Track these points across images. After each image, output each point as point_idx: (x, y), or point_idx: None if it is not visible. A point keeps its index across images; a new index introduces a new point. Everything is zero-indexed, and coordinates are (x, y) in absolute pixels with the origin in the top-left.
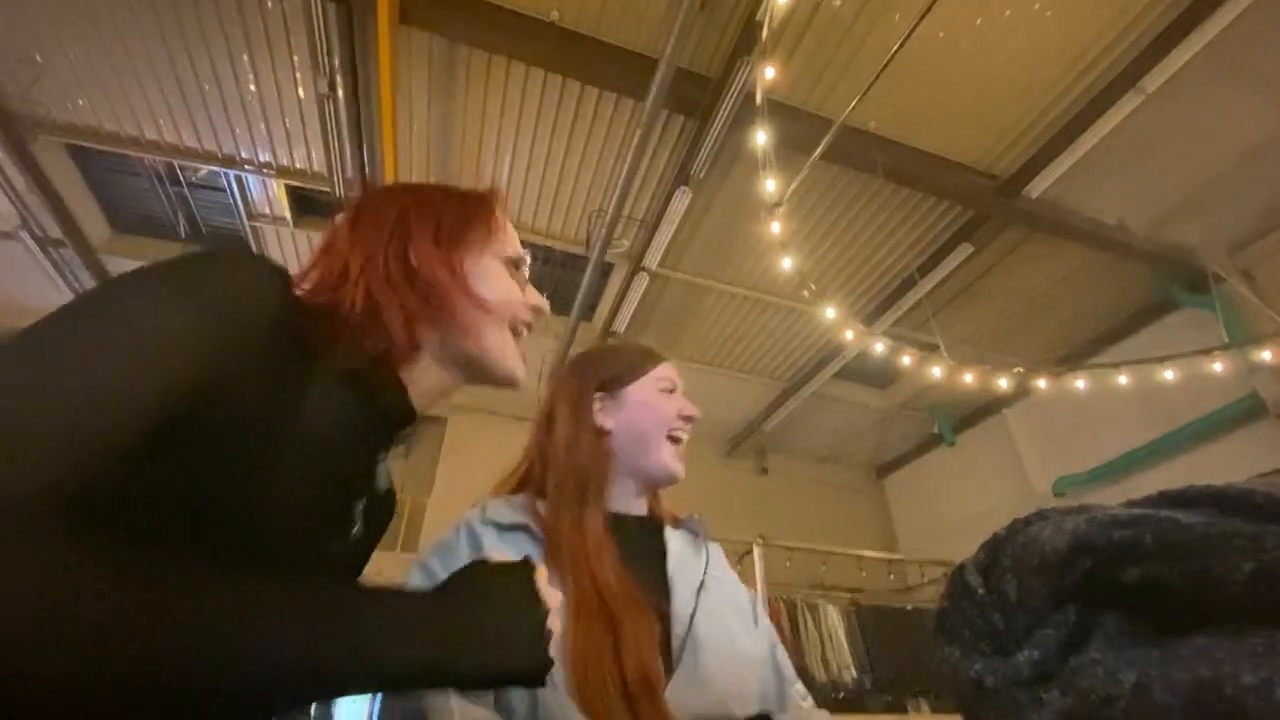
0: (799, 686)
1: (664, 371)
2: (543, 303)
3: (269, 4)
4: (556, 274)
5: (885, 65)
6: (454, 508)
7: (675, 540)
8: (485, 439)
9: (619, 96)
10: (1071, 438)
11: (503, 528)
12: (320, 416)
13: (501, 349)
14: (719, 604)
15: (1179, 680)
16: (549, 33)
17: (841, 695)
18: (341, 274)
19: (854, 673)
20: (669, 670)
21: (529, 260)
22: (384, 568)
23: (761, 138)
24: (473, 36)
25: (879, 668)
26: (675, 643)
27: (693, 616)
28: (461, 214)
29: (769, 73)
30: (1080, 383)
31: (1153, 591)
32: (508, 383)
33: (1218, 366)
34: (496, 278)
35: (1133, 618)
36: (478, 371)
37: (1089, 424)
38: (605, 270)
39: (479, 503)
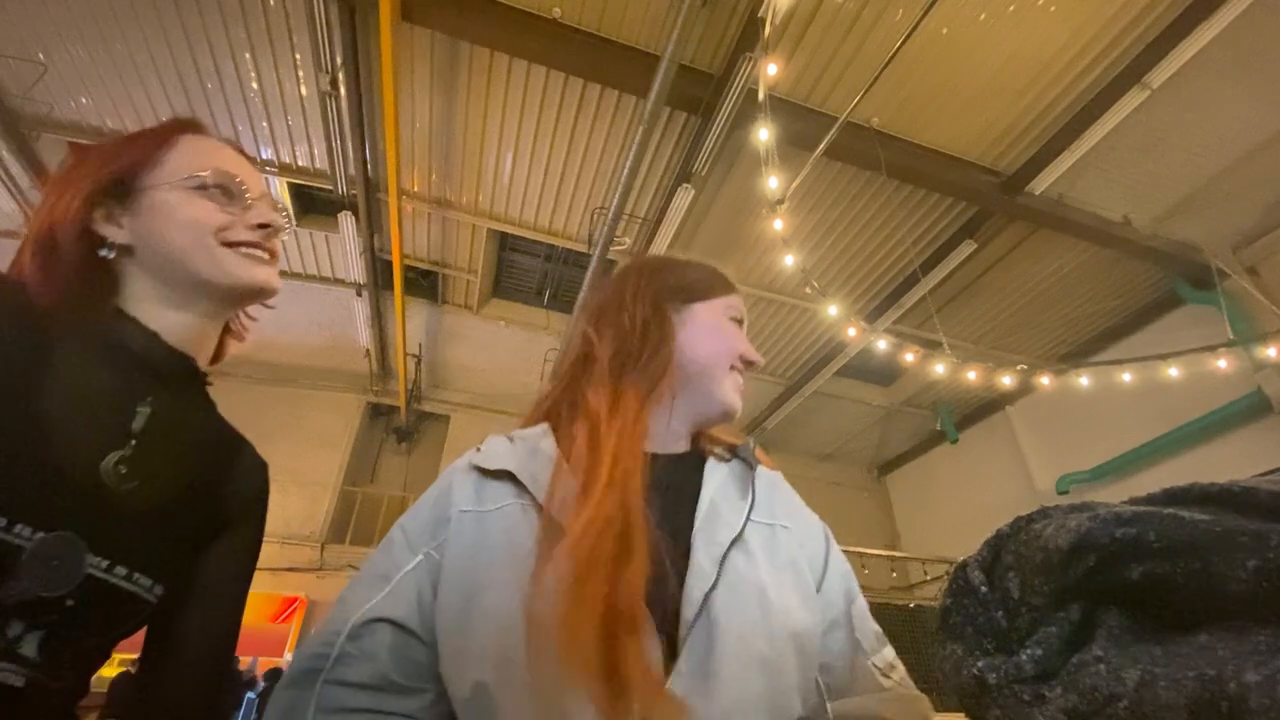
0: (883, 656)
1: (736, 301)
2: (269, 216)
3: (271, 2)
4: (558, 271)
5: (888, 62)
6: None
7: (715, 477)
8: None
9: (621, 93)
10: (1075, 435)
11: (487, 474)
12: (61, 374)
13: (214, 265)
14: (761, 563)
15: (1182, 678)
16: (551, 30)
17: None
18: (22, 249)
19: None
20: (669, 666)
21: (226, 178)
22: None
23: (764, 134)
24: (474, 33)
25: None
26: (682, 628)
27: (708, 595)
28: (120, 154)
29: (771, 69)
30: (1084, 380)
31: (1156, 589)
32: (250, 294)
33: (1222, 363)
34: (172, 208)
35: (1136, 615)
36: (211, 296)
37: (1092, 421)
38: (607, 268)
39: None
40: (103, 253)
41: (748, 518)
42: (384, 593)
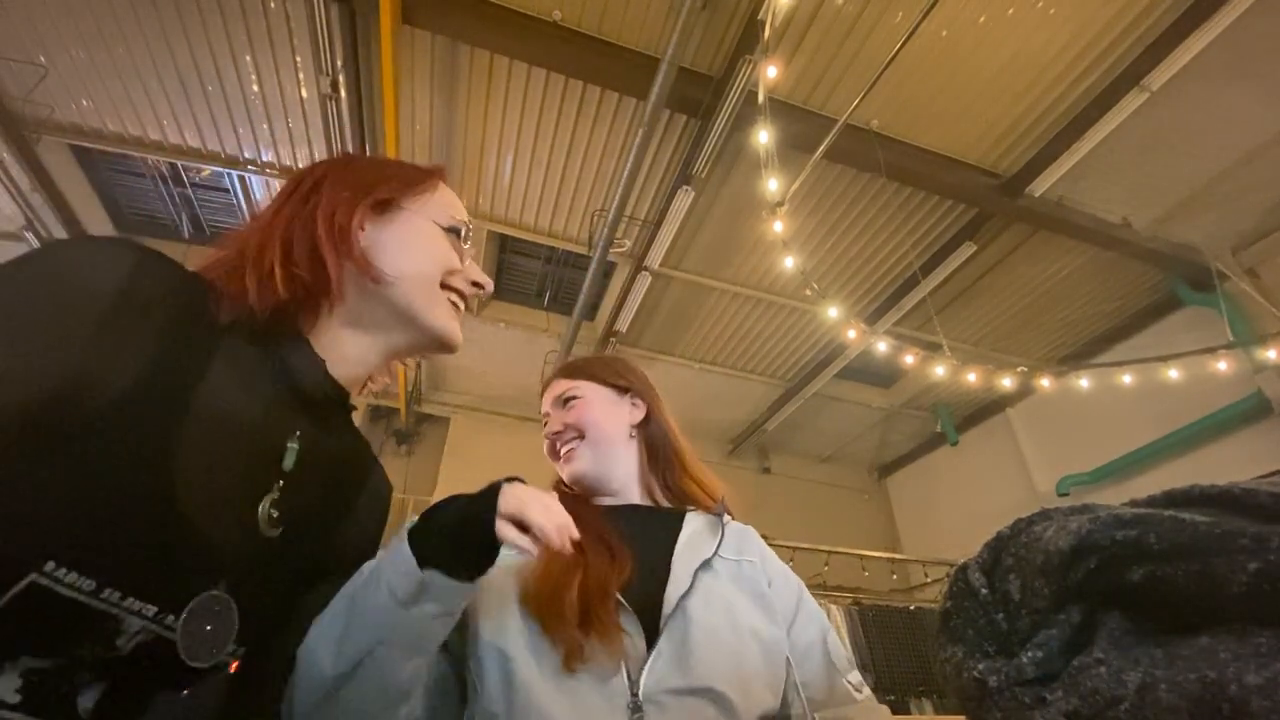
0: (853, 676)
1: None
2: (484, 279)
3: (271, 4)
4: (559, 274)
5: (888, 64)
6: None
7: (693, 523)
8: (488, 439)
9: (621, 96)
10: (1075, 437)
11: None
12: (218, 395)
13: (430, 305)
14: (728, 585)
15: (1183, 680)
16: (551, 32)
17: None
18: (245, 246)
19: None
20: (651, 650)
21: (469, 233)
22: None
23: (764, 137)
24: (475, 36)
25: (881, 668)
26: (662, 621)
27: (684, 596)
28: (391, 177)
29: (771, 71)
30: (1084, 382)
31: (1157, 591)
32: (443, 344)
33: (1222, 365)
34: (426, 238)
35: (1137, 617)
36: (407, 330)
37: (1092, 423)
38: (607, 270)
39: None
40: (362, 244)
41: (716, 552)
42: None
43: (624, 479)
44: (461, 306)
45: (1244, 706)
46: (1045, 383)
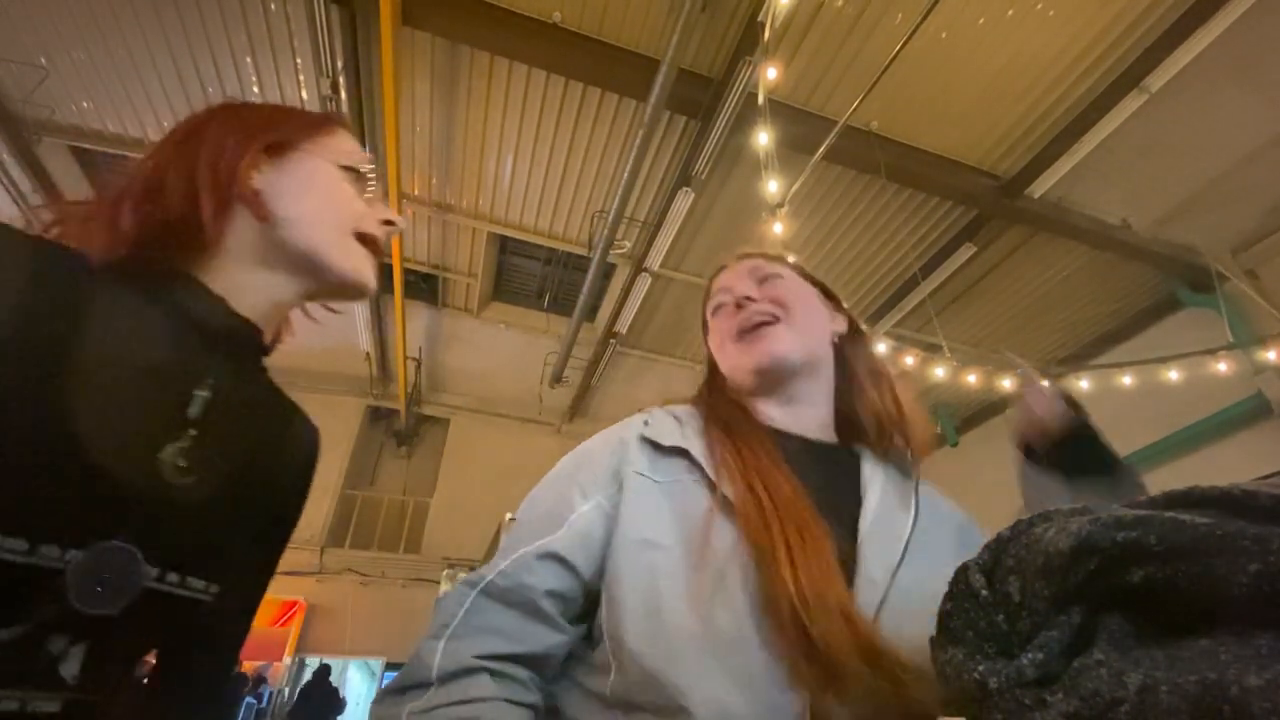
0: None
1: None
2: (393, 215)
3: (272, 6)
4: (559, 275)
5: (887, 65)
6: (457, 509)
7: (878, 480)
8: (488, 440)
9: (621, 98)
10: None
11: (661, 449)
12: (96, 343)
13: (336, 250)
14: (929, 582)
15: (1184, 682)
16: (551, 34)
17: None
18: (102, 193)
19: None
20: None
21: (372, 171)
22: (387, 569)
23: (764, 138)
24: (475, 38)
25: None
26: None
27: (880, 607)
28: (284, 120)
29: (771, 73)
30: (1084, 383)
31: (1157, 593)
32: (352, 287)
33: (1222, 366)
34: (325, 178)
35: (1137, 619)
36: (313, 274)
37: None
38: (607, 271)
39: (647, 409)
40: (254, 186)
41: (913, 526)
42: (558, 532)
43: (811, 390)
44: (378, 252)
45: (1245, 708)
46: (1045, 384)
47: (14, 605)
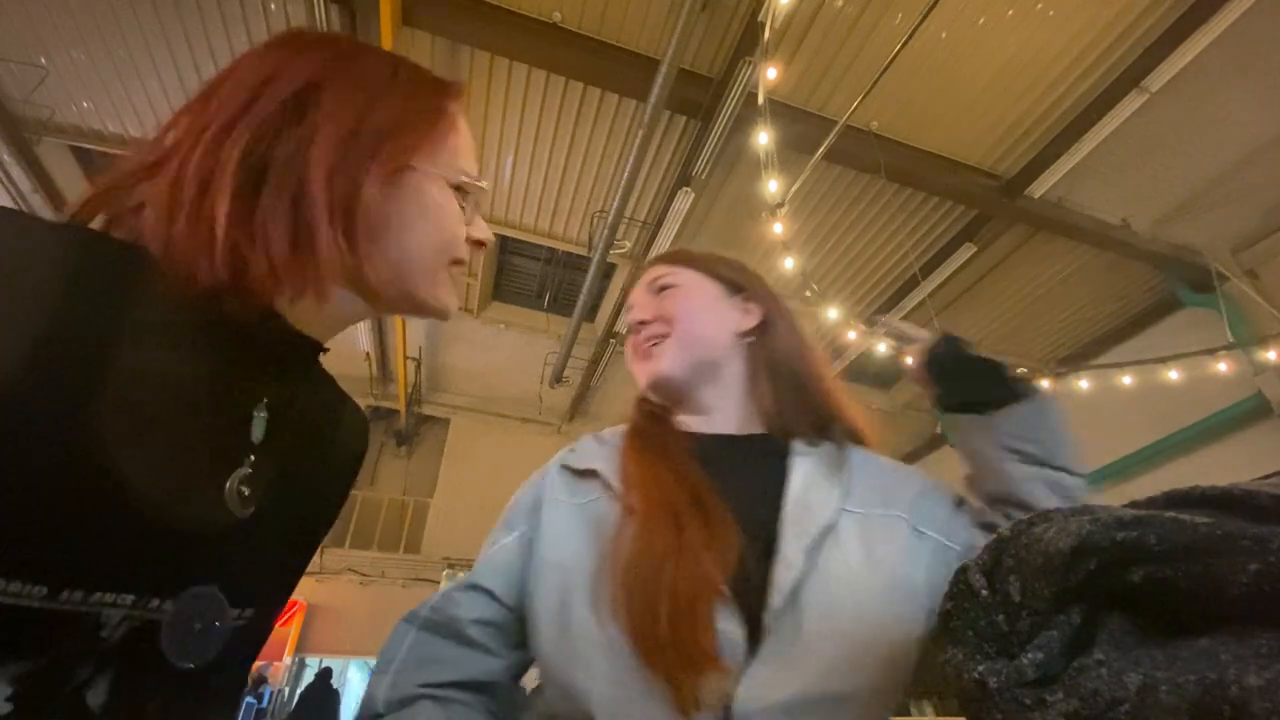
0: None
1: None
2: (487, 234)
3: (272, 6)
4: (559, 275)
5: (887, 65)
6: (458, 510)
7: (804, 462)
8: (488, 440)
9: (621, 97)
10: (1075, 438)
11: (578, 473)
12: (143, 367)
13: (431, 285)
14: (857, 552)
15: (1184, 682)
16: (551, 34)
17: None
18: (177, 183)
19: None
20: (753, 651)
21: (482, 185)
22: (387, 569)
23: (764, 138)
24: (475, 38)
25: None
26: (768, 616)
27: (798, 582)
28: (409, 118)
29: (771, 73)
30: (1084, 383)
31: (1157, 592)
32: (433, 316)
33: (1222, 366)
34: (438, 209)
35: (1137, 619)
36: (398, 305)
37: (1092, 424)
38: (607, 271)
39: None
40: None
41: (841, 507)
42: (481, 564)
43: (719, 395)
44: (462, 274)
45: (1245, 708)
46: (1045, 384)
47: (33, 643)
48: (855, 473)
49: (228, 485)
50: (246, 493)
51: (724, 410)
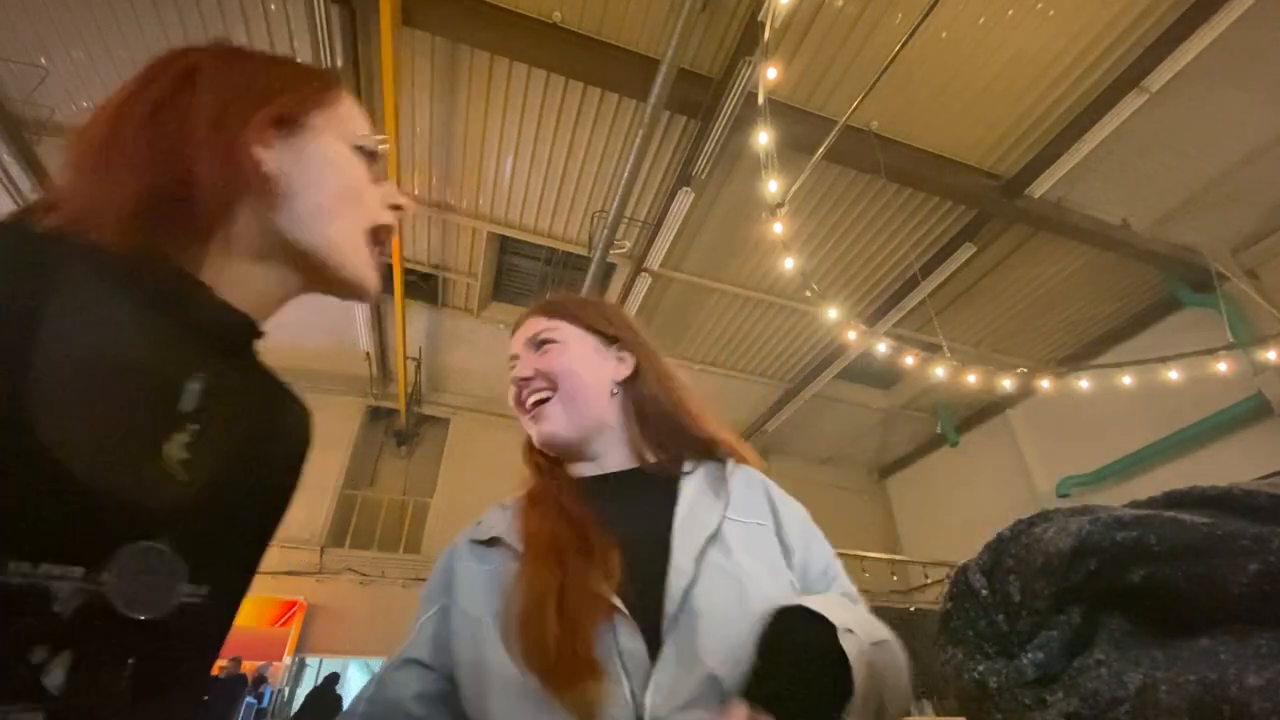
0: (842, 585)
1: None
2: (402, 199)
3: (272, 6)
4: (558, 275)
5: (888, 65)
6: (457, 509)
7: (691, 484)
8: (488, 440)
9: (620, 97)
10: (1075, 438)
11: (484, 543)
12: (65, 344)
13: (351, 254)
14: (740, 555)
15: (1184, 682)
16: (551, 34)
17: None
18: (83, 155)
19: None
20: (654, 655)
21: (384, 147)
22: (387, 569)
23: (764, 138)
24: (475, 38)
25: None
26: (666, 621)
27: (689, 588)
28: (292, 81)
29: (771, 73)
30: (1084, 383)
31: (1157, 593)
32: (357, 292)
33: (1222, 366)
34: (341, 167)
35: (1137, 619)
36: (319, 270)
37: (1093, 424)
38: (607, 271)
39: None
40: (260, 179)
41: (724, 515)
42: (410, 640)
43: (606, 443)
44: (383, 241)
45: (1245, 708)
46: (1045, 384)
47: None
48: (735, 488)
49: (165, 451)
50: (188, 459)
51: (612, 454)
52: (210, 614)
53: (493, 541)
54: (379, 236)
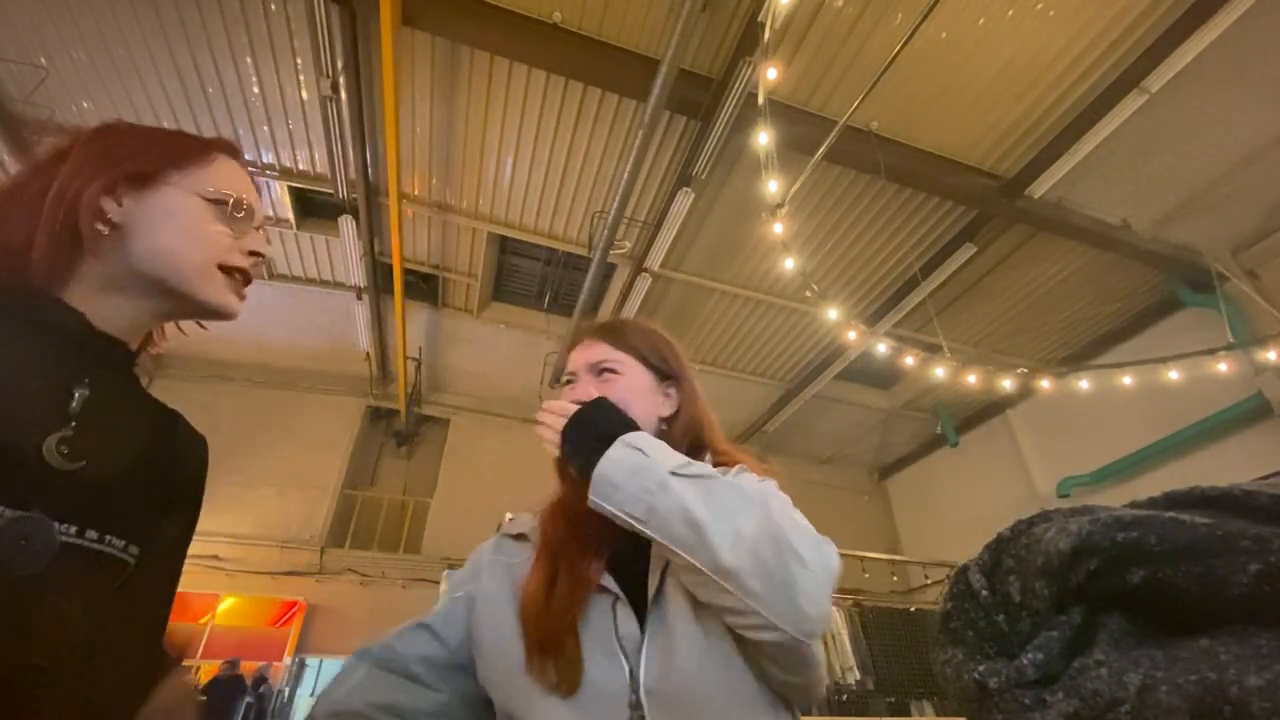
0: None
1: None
2: (262, 247)
3: (272, 6)
4: (559, 275)
5: (888, 66)
6: (457, 509)
7: None
8: (488, 440)
9: (621, 98)
10: (1075, 438)
11: (513, 538)
12: None
13: (199, 283)
14: None
15: (1184, 682)
16: (551, 34)
17: (845, 697)
18: None
19: (857, 674)
20: (644, 636)
21: (244, 203)
22: (387, 569)
23: (764, 138)
24: (475, 38)
25: (882, 670)
26: (649, 609)
27: (664, 576)
28: (154, 147)
29: (771, 73)
30: (1084, 383)
31: (1157, 593)
32: (212, 314)
33: (1222, 366)
34: (186, 215)
35: (1137, 619)
36: (176, 301)
37: (1093, 425)
38: (608, 271)
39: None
40: (100, 226)
41: None
42: (433, 611)
43: None
44: (245, 281)
45: (1245, 708)
46: (1045, 384)
47: None
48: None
49: (45, 442)
50: (66, 451)
51: None
52: (145, 579)
53: (520, 537)
54: (233, 274)
